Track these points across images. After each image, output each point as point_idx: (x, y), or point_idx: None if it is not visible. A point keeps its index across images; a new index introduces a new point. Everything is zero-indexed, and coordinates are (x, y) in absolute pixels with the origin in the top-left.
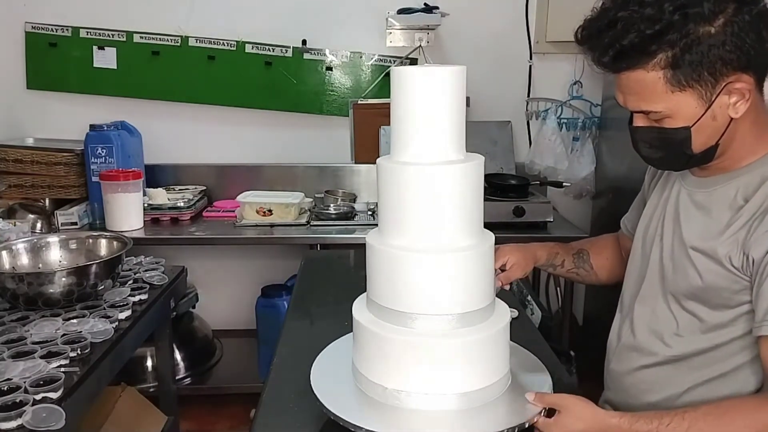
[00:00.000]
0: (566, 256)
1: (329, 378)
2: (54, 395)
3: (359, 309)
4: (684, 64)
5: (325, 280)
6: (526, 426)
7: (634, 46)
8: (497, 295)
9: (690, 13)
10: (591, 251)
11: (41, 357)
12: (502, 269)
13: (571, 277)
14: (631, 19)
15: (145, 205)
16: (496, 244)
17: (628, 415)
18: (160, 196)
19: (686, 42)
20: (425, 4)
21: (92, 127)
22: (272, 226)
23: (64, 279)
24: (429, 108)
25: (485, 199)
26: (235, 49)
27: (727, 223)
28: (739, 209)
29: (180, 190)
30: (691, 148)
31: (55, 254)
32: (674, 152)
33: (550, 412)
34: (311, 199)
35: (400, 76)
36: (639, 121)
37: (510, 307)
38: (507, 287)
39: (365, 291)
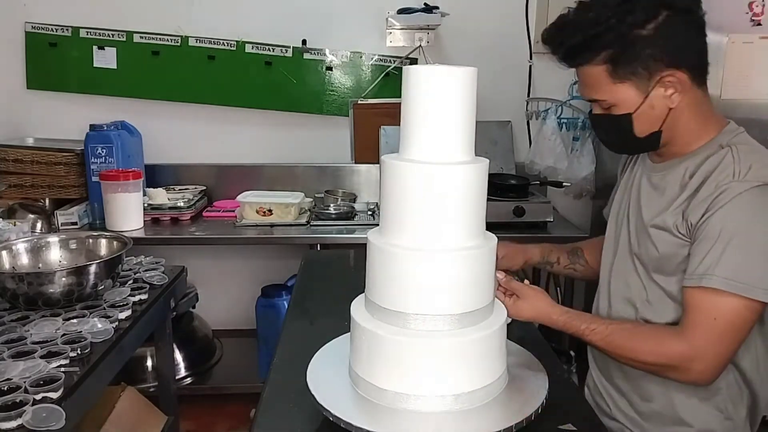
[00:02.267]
0: (560, 253)
1: (328, 378)
2: (54, 395)
3: (357, 309)
4: (621, 60)
5: (325, 280)
6: (524, 425)
7: (579, 45)
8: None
9: (626, 18)
10: (584, 248)
11: (41, 357)
12: None
13: (569, 273)
14: (578, 22)
15: (145, 205)
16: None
17: (566, 315)
18: (160, 196)
19: (622, 42)
20: (425, 3)
21: (92, 127)
22: (272, 226)
23: (64, 279)
24: (440, 108)
25: None
26: (235, 49)
27: (674, 197)
28: (685, 185)
29: (180, 190)
30: (635, 133)
31: (55, 254)
32: (623, 136)
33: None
34: (311, 199)
35: (413, 74)
36: (595, 109)
37: None
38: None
39: (365, 291)
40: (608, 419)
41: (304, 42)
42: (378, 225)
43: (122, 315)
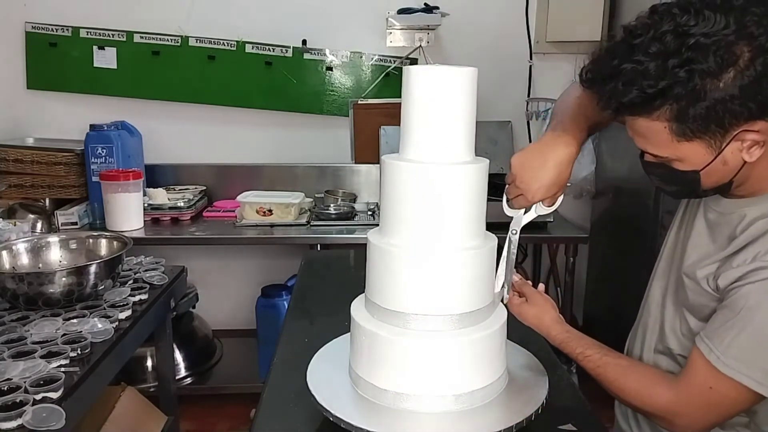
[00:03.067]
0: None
1: (328, 378)
2: (54, 395)
3: (357, 309)
4: (689, 118)
5: (325, 280)
6: (525, 425)
7: (635, 103)
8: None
9: (696, 69)
10: None
11: (41, 357)
12: None
13: None
14: (634, 73)
15: (145, 205)
16: (499, 244)
17: (565, 333)
18: (160, 196)
19: (691, 97)
20: (425, 4)
21: (92, 127)
22: (272, 226)
23: (64, 279)
24: (440, 108)
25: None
26: (235, 49)
27: (719, 249)
28: (733, 239)
29: (180, 190)
30: (701, 186)
31: (55, 254)
32: (685, 188)
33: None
34: (311, 199)
35: (413, 74)
36: (649, 157)
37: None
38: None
39: (365, 291)
40: None
41: (304, 42)
42: (378, 225)
43: (122, 315)
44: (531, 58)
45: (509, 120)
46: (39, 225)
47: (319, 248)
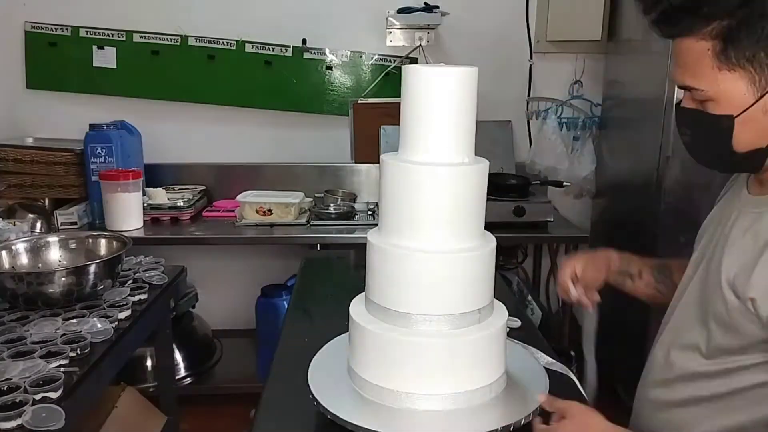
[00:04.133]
0: (643, 266)
1: (328, 378)
2: (54, 395)
3: (357, 309)
4: (738, 38)
5: (325, 280)
6: (522, 424)
7: (683, 6)
8: (498, 296)
9: None
10: (675, 268)
11: (41, 357)
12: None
13: (648, 295)
14: None
15: (145, 204)
16: (499, 244)
17: None
18: (159, 195)
19: (746, 12)
20: (425, 3)
21: (92, 126)
22: (272, 225)
23: (63, 279)
24: (440, 108)
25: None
26: (235, 48)
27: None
28: None
29: (180, 189)
30: (732, 144)
31: (55, 254)
32: (714, 145)
33: (546, 415)
34: (311, 199)
35: (412, 74)
36: (686, 101)
37: (511, 310)
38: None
39: (365, 291)
40: None
41: (304, 42)
42: (378, 225)
43: (122, 315)
44: (531, 58)
45: (509, 120)
46: (38, 225)
47: (319, 248)
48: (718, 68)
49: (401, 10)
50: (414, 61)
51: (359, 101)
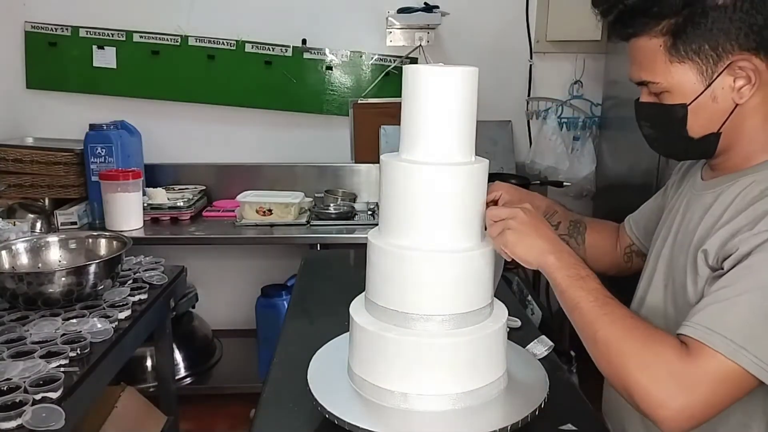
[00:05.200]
0: (563, 219)
1: (328, 378)
2: (54, 395)
3: (356, 309)
4: (685, 33)
5: (325, 280)
6: (520, 426)
7: (637, 7)
8: (498, 296)
9: None
10: (589, 226)
11: (41, 357)
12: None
13: None
14: None
15: (145, 204)
16: None
17: (566, 267)
18: (159, 195)
19: (690, 10)
20: (425, 3)
21: (92, 126)
22: (272, 225)
23: (63, 279)
24: (440, 108)
25: None
26: (234, 48)
27: (721, 222)
28: (739, 213)
29: (180, 189)
30: (687, 130)
31: (55, 254)
32: (672, 133)
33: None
34: (311, 199)
35: (413, 74)
36: (643, 96)
37: (512, 310)
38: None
39: (365, 291)
40: None
41: (304, 42)
42: (378, 225)
43: (122, 315)
44: (531, 58)
45: (509, 120)
46: (38, 225)
47: (319, 248)
48: (670, 61)
49: (401, 10)
50: (414, 61)
51: (359, 101)
